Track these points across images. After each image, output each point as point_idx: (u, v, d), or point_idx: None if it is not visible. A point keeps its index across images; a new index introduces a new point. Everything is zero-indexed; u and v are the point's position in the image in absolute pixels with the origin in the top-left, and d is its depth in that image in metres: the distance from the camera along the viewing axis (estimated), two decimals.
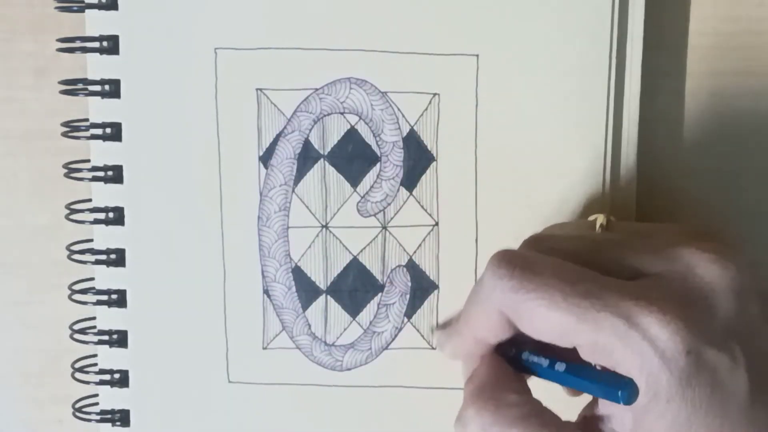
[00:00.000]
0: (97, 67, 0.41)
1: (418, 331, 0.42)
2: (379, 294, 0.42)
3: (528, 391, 0.35)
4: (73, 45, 0.41)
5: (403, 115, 0.41)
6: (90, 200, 0.42)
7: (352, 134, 0.41)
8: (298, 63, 0.41)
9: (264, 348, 0.43)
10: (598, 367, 0.33)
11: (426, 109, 0.41)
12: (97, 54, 0.41)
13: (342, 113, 0.41)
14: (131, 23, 0.41)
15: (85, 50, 0.41)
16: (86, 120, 0.42)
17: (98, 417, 0.44)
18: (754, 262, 0.34)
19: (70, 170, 0.42)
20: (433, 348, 0.42)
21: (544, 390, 0.35)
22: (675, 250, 0.33)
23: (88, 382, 0.44)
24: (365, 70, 0.41)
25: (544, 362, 0.34)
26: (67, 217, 0.42)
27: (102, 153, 0.42)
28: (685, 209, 0.43)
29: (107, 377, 0.43)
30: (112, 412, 0.43)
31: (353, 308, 0.42)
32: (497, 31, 0.40)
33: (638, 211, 0.41)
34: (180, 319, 0.42)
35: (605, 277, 0.33)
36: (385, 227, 0.42)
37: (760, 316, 0.33)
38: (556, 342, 0.33)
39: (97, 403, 0.44)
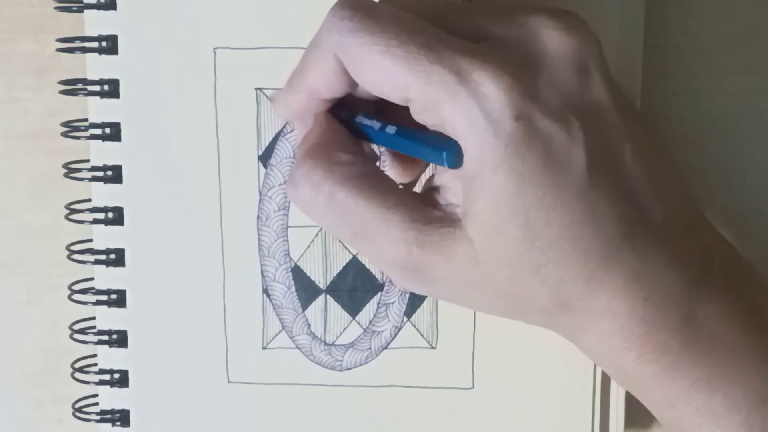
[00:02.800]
0: (96, 67, 0.41)
1: (418, 330, 0.42)
2: (379, 293, 0.42)
3: (363, 152, 0.34)
4: (72, 45, 0.41)
5: None
6: (90, 200, 0.42)
7: None
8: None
9: (264, 348, 0.43)
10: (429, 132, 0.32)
11: None
12: (97, 54, 0.41)
13: None
14: (130, 23, 0.41)
15: (84, 50, 0.41)
16: (86, 120, 0.42)
17: (98, 417, 0.43)
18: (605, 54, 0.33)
19: (70, 170, 0.42)
20: (432, 347, 0.42)
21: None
22: (524, 17, 0.32)
23: (88, 382, 0.44)
24: None
25: (376, 125, 0.33)
26: (66, 217, 0.42)
27: (101, 153, 0.42)
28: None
29: (107, 377, 0.43)
30: (112, 412, 0.43)
31: (353, 308, 0.42)
32: None
33: None
34: (180, 319, 0.42)
35: (447, 35, 0.31)
36: None
37: (607, 98, 0.32)
38: (388, 95, 0.32)
39: (97, 403, 0.44)
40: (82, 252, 0.43)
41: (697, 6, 0.42)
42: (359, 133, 0.35)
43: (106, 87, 0.41)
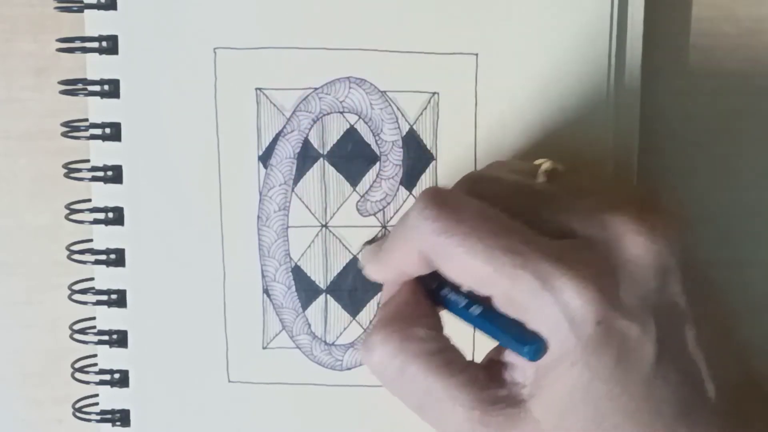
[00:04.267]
0: (96, 67, 0.41)
1: None
2: (379, 293, 0.42)
3: (440, 327, 0.35)
4: (72, 45, 0.41)
5: (403, 115, 0.41)
6: (90, 200, 0.42)
7: (351, 133, 0.41)
8: (298, 62, 0.41)
9: (264, 348, 0.43)
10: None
11: (425, 108, 0.41)
12: (97, 54, 0.41)
13: (341, 112, 0.41)
14: (130, 23, 0.41)
15: (84, 50, 0.41)
16: (86, 120, 0.42)
17: (98, 417, 0.44)
18: (691, 237, 0.34)
19: (70, 170, 0.42)
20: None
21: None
22: (607, 216, 0.33)
23: (88, 382, 0.44)
24: (364, 69, 0.41)
25: (462, 302, 0.34)
26: (66, 217, 0.43)
27: (101, 153, 0.42)
28: (685, 208, 0.42)
29: (107, 377, 0.43)
30: (112, 412, 0.43)
31: (353, 307, 0.42)
32: (496, 30, 0.40)
33: None
34: (180, 318, 0.42)
35: (531, 232, 0.32)
36: (384, 226, 0.42)
37: (681, 293, 0.33)
38: (472, 288, 0.33)
39: (97, 403, 0.44)
40: (82, 252, 0.43)
41: (696, 6, 0.42)
42: (439, 302, 0.35)
43: (106, 87, 0.41)
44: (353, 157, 0.42)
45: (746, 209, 0.43)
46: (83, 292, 0.43)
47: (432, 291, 0.35)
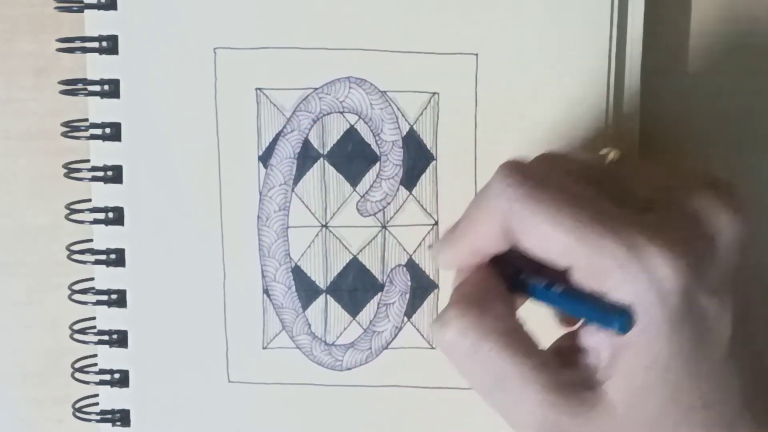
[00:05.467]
0: (96, 67, 0.41)
1: (418, 330, 0.42)
2: (379, 293, 0.42)
3: (514, 310, 0.34)
4: (72, 45, 0.41)
5: (403, 115, 0.41)
6: (90, 200, 0.42)
7: (351, 133, 0.41)
8: (298, 62, 0.41)
9: (264, 348, 0.43)
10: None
11: (425, 108, 0.41)
12: (97, 54, 0.41)
13: (341, 112, 0.41)
14: (130, 23, 0.41)
15: (84, 50, 0.41)
16: (86, 120, 0.42)
17: (98, 417, 0.44)
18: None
19: (70, 170, 0.42)
20: (432, 347, 0.42)
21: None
22: (689, 190, 0.32)
23: (88, 382, 0.44)
24: (364, 69, 0.41)
25: (542, 282, 0.33)
26: (67, 217, 0.43)
27: (101, 153, 0.42)
28: None
29: (107, 377, 0.43)
30: (112, 412, 0.43)
31: (353, 308, 0.42)
32: (496, 30, 0.40)
33: None
34: (180, 319, 0.42)
35: (613, 203, 0.32)
36: (384, 227, 0.42)
37: (750, 271, 0.33)
38: (551, 260, 0.32)
39: (97, 403, 0.44)
40: (82, 252, 0.43)
41: (697, 6, 0.42)
42: (515, 288, 0.35)
43: (106, 87, 0.41)
44: (353, 157, 0.42)
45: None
46: (83, 292, 0.43)
47: (506, 277, 0.35)
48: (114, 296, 0.43)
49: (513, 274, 0.34)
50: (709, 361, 0.31)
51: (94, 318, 0.43)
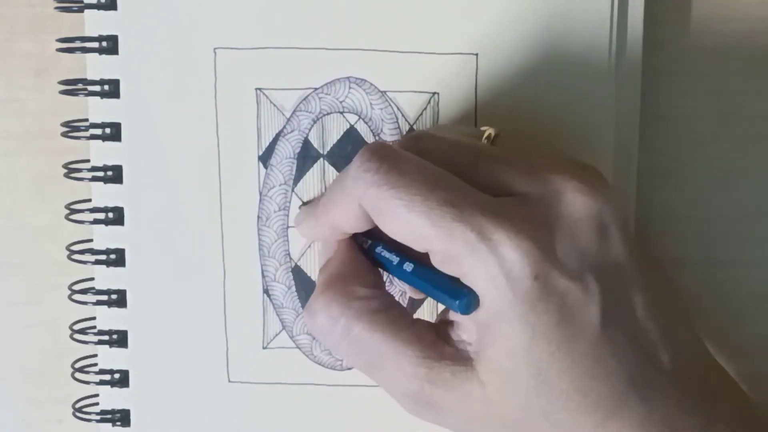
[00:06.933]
0: (96, 67, 0.41)
1: None
2: None
3: (381, 284, 0.35)
4: (72, 45, 0.41)
5: (403, 114, 0.41)
6: (90, 200, 0.42)
7: (351, 133, 0.41)
8: (298, 62, 0.41)
9: (264, 347, 0.43)
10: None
11: (425, 108, 0.41)
12: (97, 54, 0.41)
13: (341, 112, 0.41)
14: (130, 23, 0.41)
15: (84, 50, 0.41)
16: (86, 120, 0.42)
17: (98, 417, 0.44)
18: (619, 196, 0.34)
19: (70, 170, 0.42)
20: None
21: None
22: (547, 175, 0.33)
23: (88, 382, 0.44)
24: (364, 69, 0.41)
25: (394, 259, 0.35)
26: (67, 217, 0.43)
27: (102, 153, 0.42)
28: (685, 207, 0.42)
29: (107, 377, 0.43)
30: (112, 412, 0.43)
31: None
32: (496, 30, 0.40)
33: (637, 209, 0.41)
34: (180, 319, 0.42)
35: (470, 188, 0.32)
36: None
37: (624, 253, 0.33)
38: (409, 244, 0.33)
39: (97, 403, 0.44)
40: (82, 252, 0.43)
41: (697, 6, 0.42)
42: (378, 262, 0.35)
43: (106, 87, 0.41)
44: (353, 157, 0.41)
45: (746, 209, 0.43)
46: (83, 292, 0.43)
47: (365, 250, 0.36)
48: (114, 296, 0.43)
49: (372, 247, 0.35)
50: (577, 343, 0.31)
51: (94, 318, 0.43)
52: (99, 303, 0.43)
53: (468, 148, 0.35)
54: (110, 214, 0.42)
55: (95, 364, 0.43)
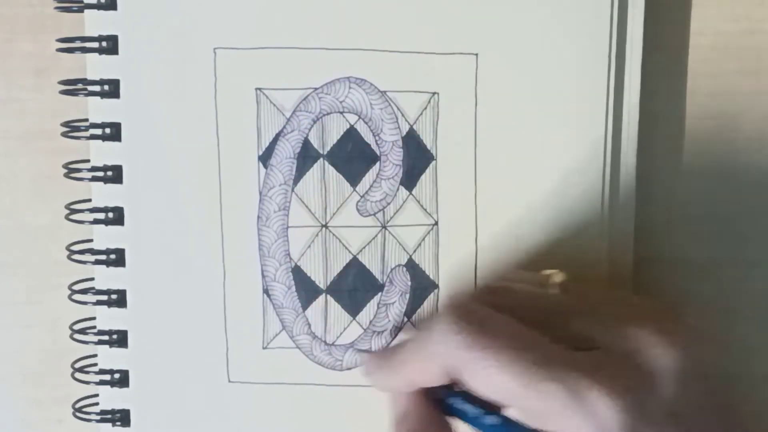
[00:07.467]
0: (96, 67, 0.41)
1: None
2: (379, 293, 0.42)
3: None
4: (72, 45, 0.41)
5: (403, 114, 0.41)
6: (90, 200, 0.42)
7: (351, 133, 0.41)
8: (297, 62, 0.41)
9: (264, 348, 0.43)
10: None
11: (425, 108, 0.41)
12: (97, 54, 0.41)
13: (341, 112, 0.41)
14: (130, 23, 0.41)
15: (84, 50, 0.41)
16: (86, 120, 0.42)
17: (98, 417, 0.44)
18: (701, 339, 0.35)
19: (70, 170, 0.42)
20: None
21: None
22: (624, 326, 0.34)
23: (88, 382, 0.44)
24: (364, 69, 0.41)
25: (476, 412, 0.35)
26: (67, 217, 0.43)
27: (101, 153, 0.42)
28: (684, 209, 0.43)
29: (107, 377, 0.43)
30: (112, 412, 0.43)
31: (353, 308, 0.42)
32: (496, 30, 0.40)
33: (637, 209, 0.41)
34: (180, 318, 0.42)
35: (555, 345, 0.33)
36: (384, 227, 0.42)
37: (703, 393, 0.34)
38: (497, 401, 0.33)
39: (97, 403, 0.44)
40: (82, 252, 0.43)
41: (696, 6, 0.42)
42: (450, 410, 0.36)
43: (106, 87, 0.41)
44: (353, 157, 0.42)
45: (746, 209, 0.43)
46: (83, 292, 0.43)
47: (440, 401, 0.36)
48: (114, 296, 0.43)
49: (446, 396, 0.36)
50: None
51: (94, 318, 0.43)
52: (99, 303, 0.43)
53: (542, 302, 0.36)
54: (110, 214, 0.42)
55: (95, 364, 0.43)
